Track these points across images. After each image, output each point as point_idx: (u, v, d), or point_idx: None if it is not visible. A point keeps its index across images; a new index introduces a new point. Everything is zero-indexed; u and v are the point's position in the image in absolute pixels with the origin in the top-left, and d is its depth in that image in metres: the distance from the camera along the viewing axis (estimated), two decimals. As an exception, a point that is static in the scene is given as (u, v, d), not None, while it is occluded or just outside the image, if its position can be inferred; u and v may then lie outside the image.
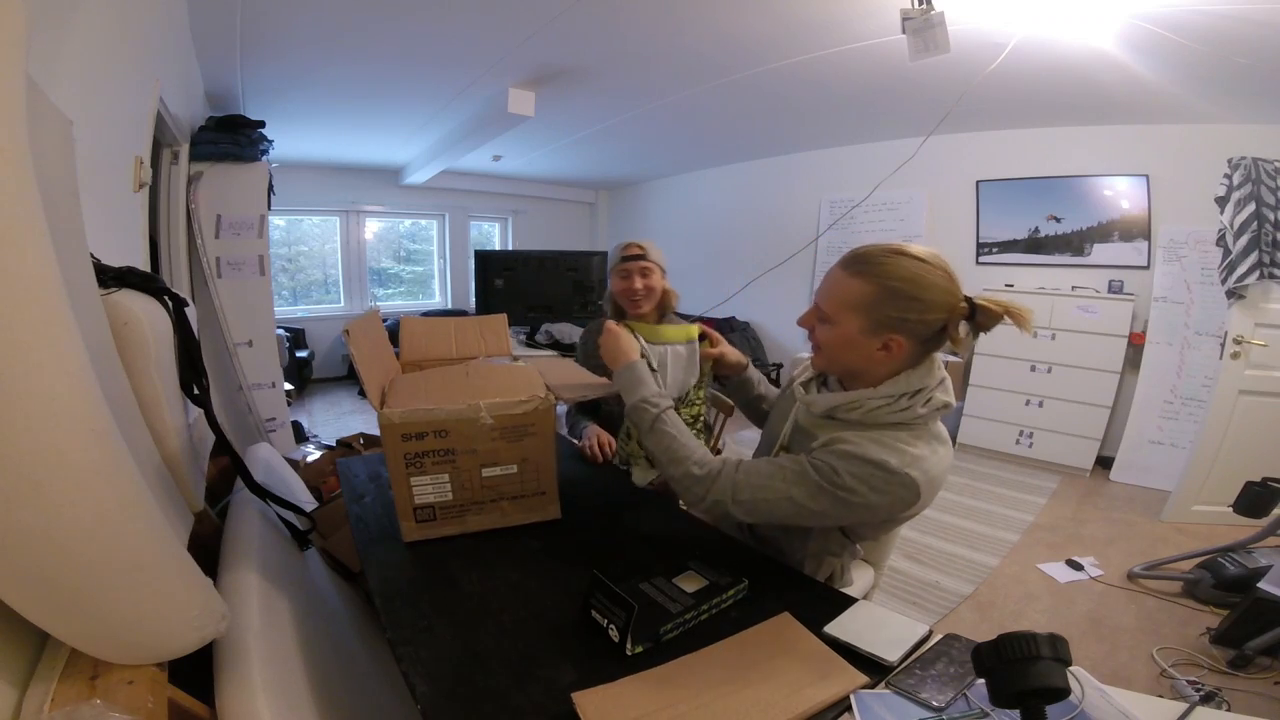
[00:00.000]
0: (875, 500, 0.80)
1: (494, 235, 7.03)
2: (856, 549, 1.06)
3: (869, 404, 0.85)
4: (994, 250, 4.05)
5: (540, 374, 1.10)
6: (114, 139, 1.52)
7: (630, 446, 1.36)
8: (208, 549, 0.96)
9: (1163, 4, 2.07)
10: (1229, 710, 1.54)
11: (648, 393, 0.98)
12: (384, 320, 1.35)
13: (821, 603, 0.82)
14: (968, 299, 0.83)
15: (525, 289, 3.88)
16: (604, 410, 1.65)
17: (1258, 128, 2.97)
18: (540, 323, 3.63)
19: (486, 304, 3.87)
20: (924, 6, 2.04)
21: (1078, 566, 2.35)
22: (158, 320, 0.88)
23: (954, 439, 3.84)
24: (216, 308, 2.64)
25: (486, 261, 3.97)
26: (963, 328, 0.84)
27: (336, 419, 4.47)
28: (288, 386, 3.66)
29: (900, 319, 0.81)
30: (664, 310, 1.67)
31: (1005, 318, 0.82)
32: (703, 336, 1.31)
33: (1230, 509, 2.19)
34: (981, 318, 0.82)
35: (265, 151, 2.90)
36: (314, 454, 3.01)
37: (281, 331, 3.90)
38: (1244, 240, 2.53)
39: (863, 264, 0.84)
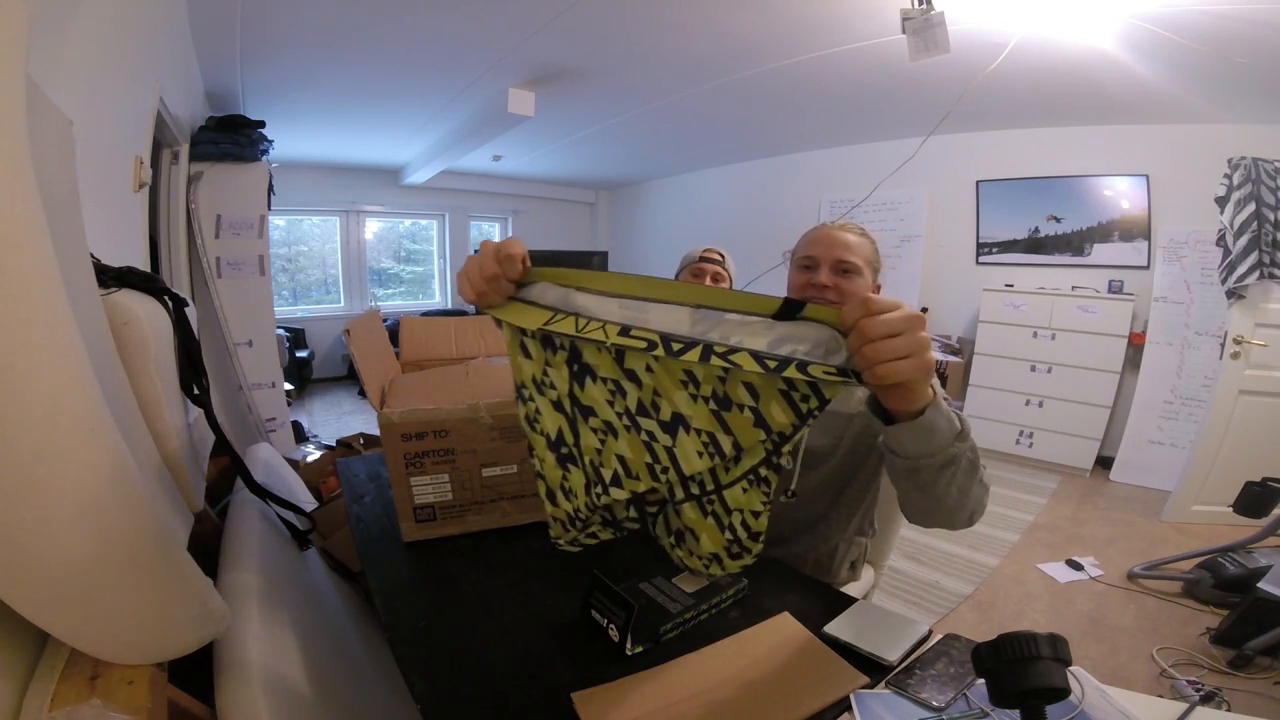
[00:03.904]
0: None
1: (494, 235, 7.03)
2: (876, 529, 1.15)
3: None
4: (994, 250, 4.05)
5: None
6: (114, 139, 1.52)
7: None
8: (208, 549, 0.96)
9: (1163, 4, 2.07)
10: (1229, 710, 1.54)
11: (959, 420, 0.65)
12: (384, 320, 1.36)
13: (821, 603, 0.82)
14: None
15: (525, 289, 3.89)
16: None
17: (1258, 128, 2.97)
18: (540, 323, 3.63)
19: (486, 304, 3.88)
20: (924, 6, 2.04)
21: (1078, 566, 2.35)
22: (158, 320, 0.88)
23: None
24: (216, 308, 2.65)
25: (486, 261, 3.99)
26: None
27: (336, 419, 4.47)
28: (288, 386, 3.66)
29: (879, 268, 1.04)
30: None
31: None
32: (796, 307, 0.50)
33: (1230, 509, 2.19)
34: None
35: (265, 151, 2.90)
36: (314, 454, 3.01)
37: (281, 331, 3.90)
38: (1244, 240, 2.53)
39: (854, 228, 1.04)
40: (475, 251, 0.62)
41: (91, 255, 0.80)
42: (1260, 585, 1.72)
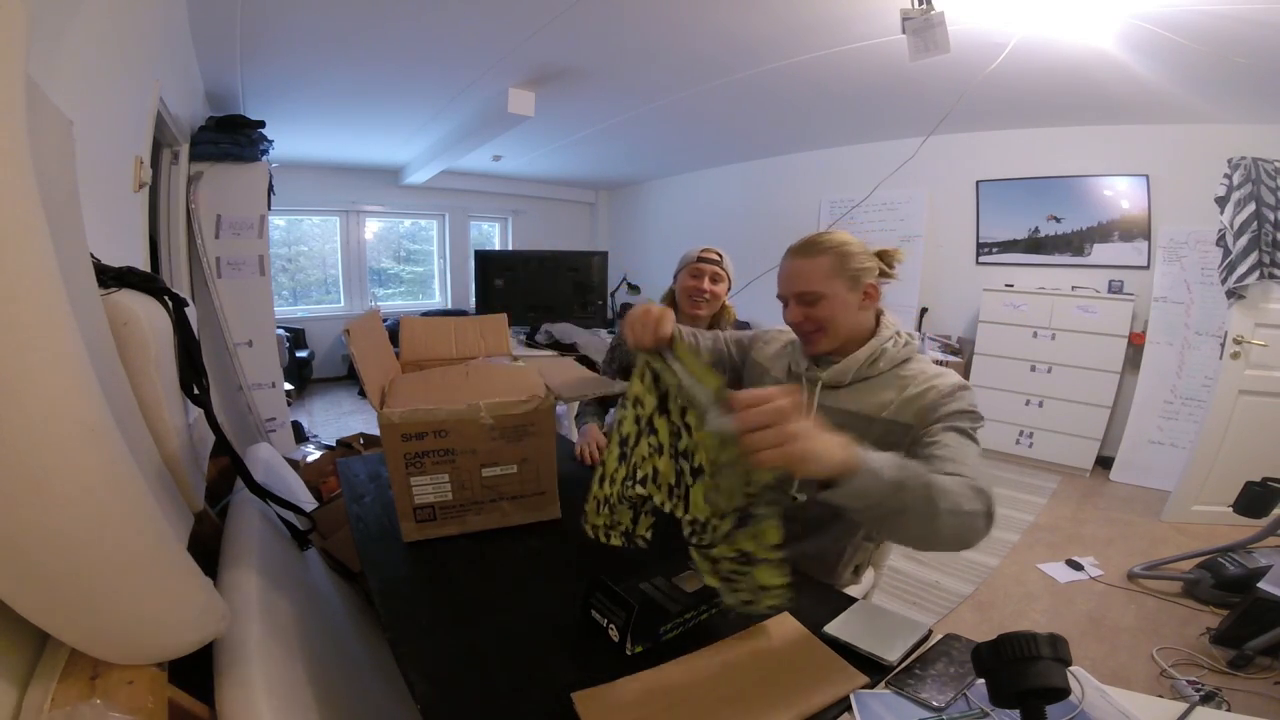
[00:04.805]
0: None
1: (494, 235, 7.03)
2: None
3: (885, 347, 0.98)
4: (994, 250, 4.05)
5: (540, 374, 1.10)
6: (114, 139, 1.52)
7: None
8: (208, 549, 0.96)
9: (1163, 4, 2.07)
10: (1229, 710, 1.54)
11: (910, 472, 0.67)
12: (384, 320, 1.35)
13: (821, 603, 0.82)
14: (875, 251, 1.04)
15: (525, 289, 3.89)
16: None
17: (1258, 128, 2.97)
18: (540, 323, 3.62)
19: (486, 304, 3.88)
20: (924, 6, 2.04)
21: (1078, 566, 2.35)
22: (158, 320, 0.88)
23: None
24: (216, 308, 2.65)
25: (486, 261, 3.98)
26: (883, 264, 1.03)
27: (336, 419, 4.47)
28: (288, 386, 3.66)
29: (860, 269, 0.98)
30: (716, 323, 1.66)
31: (897, 255, 1.03)
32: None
33: (1230, 509, 2.19)
34: (887, 258, 1.03)
35: (265, 151, 2.90)
36: (314, 454, 3.01)
37: (281, 331, 3.89)
38: (1244, 240, 2.53)
39: (811, 247, 1.00)
40: (635, 303, 0.75)
41: (91, 255, 0.80)
42: (1260, 585, 1.72)
